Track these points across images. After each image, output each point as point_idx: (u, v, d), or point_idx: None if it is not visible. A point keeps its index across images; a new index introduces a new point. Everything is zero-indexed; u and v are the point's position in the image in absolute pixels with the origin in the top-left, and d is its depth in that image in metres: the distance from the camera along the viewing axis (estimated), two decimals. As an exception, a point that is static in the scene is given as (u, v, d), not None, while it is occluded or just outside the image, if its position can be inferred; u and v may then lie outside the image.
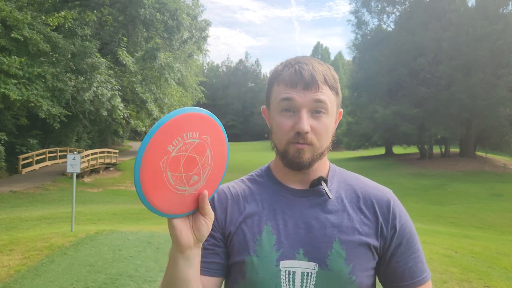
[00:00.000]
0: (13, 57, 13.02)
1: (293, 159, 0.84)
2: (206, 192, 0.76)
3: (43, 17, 15.09)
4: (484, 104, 26.20)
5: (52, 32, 15.17)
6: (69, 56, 16.32)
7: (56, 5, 17.98)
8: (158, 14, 20.20)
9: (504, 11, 28.15)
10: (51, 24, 15.17)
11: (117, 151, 26.69)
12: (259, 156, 40.11)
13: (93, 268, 4.61)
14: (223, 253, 0.88)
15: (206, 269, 0.86)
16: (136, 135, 29.74)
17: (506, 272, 5.43)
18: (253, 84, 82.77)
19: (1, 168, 16.96)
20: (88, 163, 20.09)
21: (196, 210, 0.77)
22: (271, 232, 0.84)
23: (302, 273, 0.81)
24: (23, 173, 17.97)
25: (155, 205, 0.72)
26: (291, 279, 0.81)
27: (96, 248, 5.47)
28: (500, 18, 26.74)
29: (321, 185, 0.87)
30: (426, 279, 0.87)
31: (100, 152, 22.56)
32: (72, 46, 16.03)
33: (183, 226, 0.75)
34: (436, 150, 33.73)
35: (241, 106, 78.15)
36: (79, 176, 19.17)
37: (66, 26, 16.12)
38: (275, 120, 0.86)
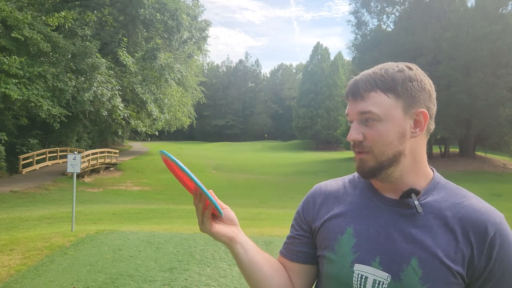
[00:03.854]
0: (13, 56, 13.03)
1: (357, 168, 0.86)
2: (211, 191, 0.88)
3: (43, 17, 15.11)
4: (483, 104, 26.21)
5: (53, 32, 15.19)
6: (70, 56, 16.33)
7: (56, 5, 18.01)
8: (158, 14, 20.21)
9: (504, 12, 28.16)
10: (51, 24, 15.19)
11: (117, 151, 26.70)
12: (259, 156, 40.12)
13: (93, 268, 4.62)
14: (310, 243, 0.95)
15: (293, 256, 0.96)
16: (136, 135, 29.75)
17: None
18: (253, 84, 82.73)
19: (2, 168, 16.97)
20: (89, 163, 20.10)
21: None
22: (352, 234, 0.86)
23: (374, 280, 0.81)
24: (23, 173, 17.98)
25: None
26: (362, 283, 0.82)
27: (96, 248, 5.48)
28: (500, 19, 26.76)
29: (411, 197, 0.83)
30: None
31: (101, 152, 22.58)
32: (73, 46, 16.04)
33: (220, 228, 0.88)
34: (436, 150, 33.75)
35: (241, 106, 78.12)
36: (80, 176, 19.19)
37: (66, 26, 16.14)
38: None
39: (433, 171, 0.90)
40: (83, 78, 16.89)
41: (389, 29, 35.96)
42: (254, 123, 75.99)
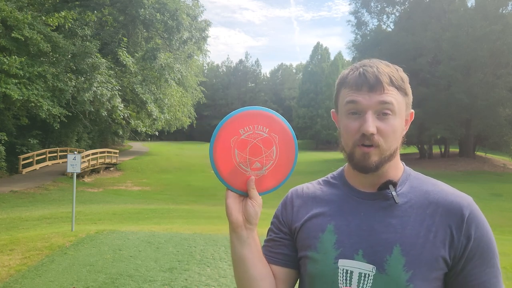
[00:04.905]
0: (13, 56, 13.03)
1: (359, 162, 0.85)
2: (253, 177, 0.89)
3: (43, 17, 15.10)
4: (483, 104, 26.22)
5: (53, 32, 15.18)
6: (70, 56, 16.33)
7: (56, 5, 18.00)
8: (158, 14, 20.21)
9: (504, 12, 28.17)
10: (51, 24, 15.18)
11: (117, 151, 26.72)
12: (259, 156, 40.07)
13: (93, 268, 4.62)
14: (291, 245, 0.95)
15: (273, 259, 0.95)
16: (136, 135, 29.75)
17: (506, 272, 5.44)
18: (253, 84, 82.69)
19: (2, 168, 16.97)
20: (89, 163, 20.10)
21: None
22: (333, 231, 0.87)
23: (360, 273, 0.82)
24: (23, 173, 17.98)
25: (221, 173, 0.89)
26: (348, 278, 0.83)
27: (96, 248, 5.48)
28: (500, 19, 26.76)
29: (389, 189, 0.86)
30: None
31: (101, 152, 22.59)
32: (73, 46, 16.04)
33: (233, 207, 0.89)
34: (436, 150, 33.76)
35: (241, 106, 75.28)
36: (80, 176, 19.19)
37: (66, 27, 16.13)
38: (342, 123, 0.88)
39: (403, 164, 0.94)
40: (83, 78, 16.88)
41: (389, 29, 35.96)
42: (254, 123, 75.89)
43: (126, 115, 19.75)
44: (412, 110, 0.90)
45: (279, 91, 80.00)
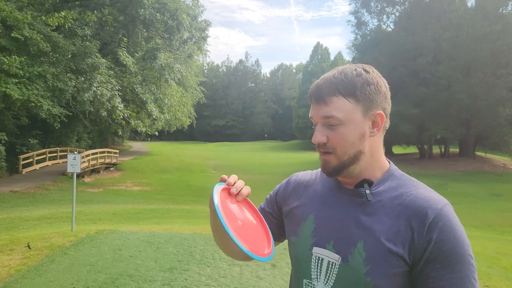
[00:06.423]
0: (13, 56, 13.02)
1: (322, 168, 0.94)
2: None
3: (43, 17, 15.10)
4: (483, 104, 26.22)
5: (52, 32, 15.17)
6: (70, 56, 16.32)
7: (56, 5, 17.99)
8: (158, 14, 20.20)
9: (504, 12, 28.18)
10: (51, 24, 15.18)
11: (117, 151, 26.70)
12: (259, 156, 40.11)
13: (94, 268, 4.62)
14: (276, 223, 1.09)
15: None
16: (136, 135, 29.74)
17: (506, 272, 5.44)
18: (253, 84, 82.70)
19: (2, 168, 16.97)
20: (89, 163, 20.10)
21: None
22: (313, 221, 0.97)
23: (329, 262, 0.90)
24: (23, 173, 17.98)
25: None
26: (319, 264, 0.92)
27: (97, 248, 5.48)
28: (500, 19, 26.77)
29: (363, 187, 0.91)
30: None
31: (101, 152, 22.58)
32: (73, 46, 16.03)
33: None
34: (436, 150, 33.76)
35: (241, 106, 78.06)
36: (80, 176, 19.19)
37: (66, 26, 16.13)
38: None
39: (389, 163, 0.98)
40: (83, 78, 16.88)
41: (389, 29, 35.97)
42: (254, 123, 75.95)
43: (126, 115, 19.74)
44: (380, 111, 0.90)
45: (279, 91, 79.97)
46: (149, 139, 38.44)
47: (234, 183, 0.97)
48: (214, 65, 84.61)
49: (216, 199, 0.89)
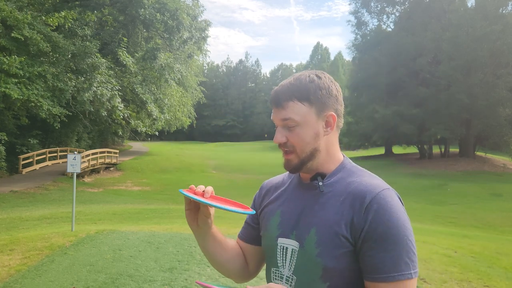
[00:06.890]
0: (13, 56, 13.02)
1: (284, 166, 1.06)
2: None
3: (43, 17, 15.10)
4: (483, 104, 26.23)
5: (53, 32, 15.18)
6: (70, 56, 16.32)
7: (56, 5, 18.00)
8: (158, 14, 20.19)
9: (504, 12, 28.19)
10: (51, 24, 15.18)
11: (117, 151, 26.71)
12: (259, 156, 40.11)
13: (94, 268, 4.62)
14: (258, 229, 1.18)
15: (243, 236, 1.21)
16: (136, 135, 29.74)
17: (506, 272, 5.45)
18: (253, 84, 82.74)
19: (2, 168, 16.97)
20: (89, 163, 20.10)
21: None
22: (279, 215, 1.08)
23: (292, 249, 1.01)
24: (23, 173, 17.98)
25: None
26: (284, 253, 1.03)
27: (97, 248, 5.48)
28: (500, 19, 26.78)
29: (317, 180, 1.03)
30: (393, 278, 0.89)
31: (101, 152, 22.58)
32: (73, 46, 16.02)
33: (189, 217, 1.12)
34: (436, 150, 33.74)
35: (241, 106, 78.06)
36: (80, 176, 19.19)
37: (66, 26, 16.13)
38: None
39: (343, 157, 1.08)
40: (83, 78, 16.88)
41: (389, 29, 35.98)
42: (254, 123, 75.95)
43: (126, 115, 19.75)
44: (332, 112, 1.01)
45: (279, 91, 79.90)
46: (149, 139, 38.46)
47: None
48: (214, 65, 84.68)
49: (184, 191, 1.01)
